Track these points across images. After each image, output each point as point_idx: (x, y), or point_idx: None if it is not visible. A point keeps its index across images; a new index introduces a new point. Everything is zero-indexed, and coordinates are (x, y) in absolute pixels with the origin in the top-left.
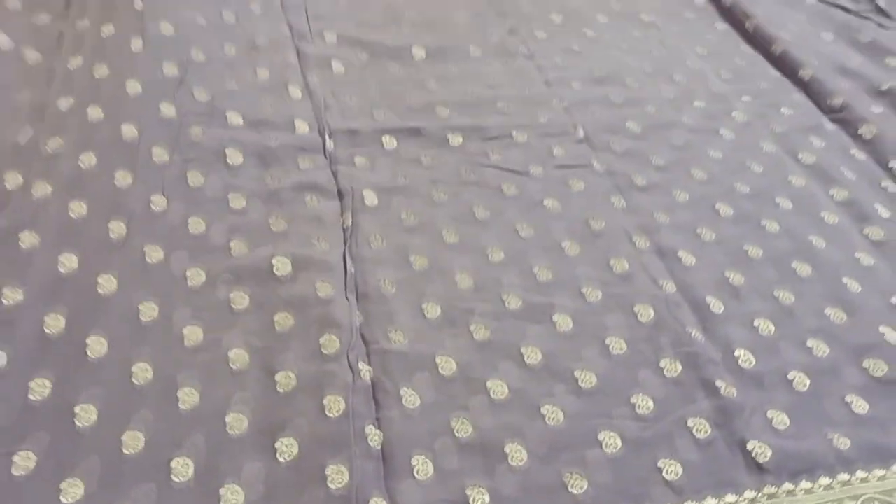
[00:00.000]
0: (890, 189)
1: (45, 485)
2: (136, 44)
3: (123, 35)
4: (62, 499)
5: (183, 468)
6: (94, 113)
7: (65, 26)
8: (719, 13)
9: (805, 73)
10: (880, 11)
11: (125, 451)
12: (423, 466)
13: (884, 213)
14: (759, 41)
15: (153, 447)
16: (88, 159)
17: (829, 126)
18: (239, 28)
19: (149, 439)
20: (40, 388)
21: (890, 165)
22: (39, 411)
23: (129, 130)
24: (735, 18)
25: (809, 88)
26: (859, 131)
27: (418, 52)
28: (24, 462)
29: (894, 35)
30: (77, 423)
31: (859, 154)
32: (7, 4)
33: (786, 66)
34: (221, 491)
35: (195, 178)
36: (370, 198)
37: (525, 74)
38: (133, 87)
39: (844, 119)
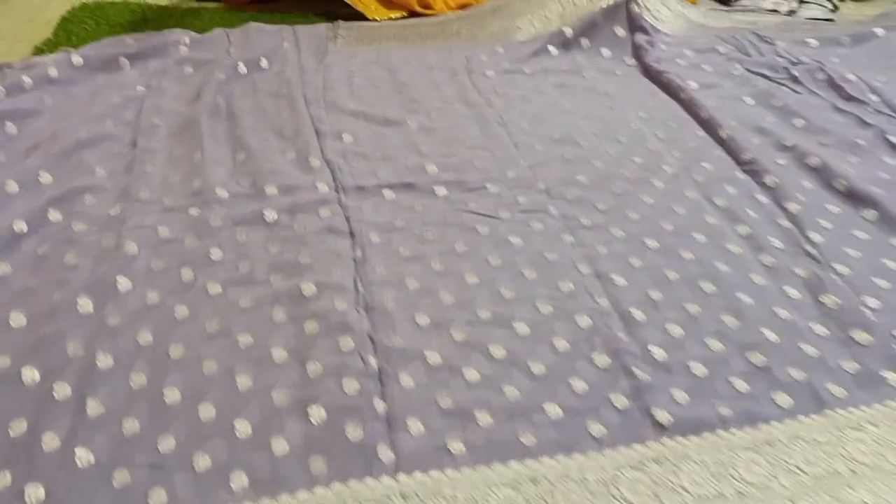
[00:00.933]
0: (784, 225)
1: (147, 440)
2: (197, 156)
3: (189, 153)
4: (159, 448)
5: (244, 428)
6: (170, 201)
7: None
8: (660, 86)
9: (724, 133)
10: (794, 79)
11: (201, 418)
12: (415, 426)
13: (777, 244)
14: (690, 107)
15: (221, 415)
16: (165, 231)
17: (741, 176)
18: (268, 122)
19: (218, 410)
20: (138, 379)
21: (786, 206)
22: (138, 394)
23: (193, 212)
24: (672, 90)
25: (727, 146)
26: (764, 180)
27: (412, 123)
28: (130, 427)
29: (803, 99)
30: (165, 400)
31: (763, 198)
32: None
33: (710, 127)
34: (272, 442)
35: (241, 235)
36: (374, 237)
37: (497, 138)
38: (198, 183)
39: (753, 170)
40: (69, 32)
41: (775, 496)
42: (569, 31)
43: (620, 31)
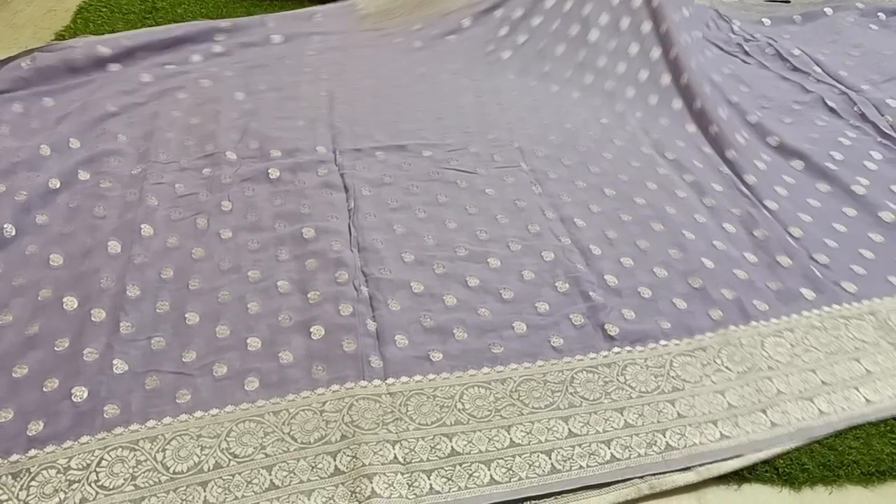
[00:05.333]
0: (724, 172)
1: (172, 353)
2: (212, 126)
3: (204, 122)
4: (183, 359)
5: (255, 343)
6: (185, 162)
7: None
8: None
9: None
10: (745, 53)
11: (218, 335)
12: (401, 340)
13: (718, 188)
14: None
15: (235, 333)
16: (181, 187)
17: (691, 129)
18: (284, 96)
19: (232, 329)
20: (163, 306)
21: (726, 155)
22: (163, 318)
23: (206, 171)
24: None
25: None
26: (709, 131)
27: (413, 95)
28: (158, 343)
29: (752, 70)
30: (188, 322)
31: (707, 149)
32: None
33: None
34: (280, 354)
35: (249, 190)
36: (366, 190)
37: (484, 106)
38: (210, 147)
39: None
40: (86, 20)
41: (705, 389)
42: None
43: None
